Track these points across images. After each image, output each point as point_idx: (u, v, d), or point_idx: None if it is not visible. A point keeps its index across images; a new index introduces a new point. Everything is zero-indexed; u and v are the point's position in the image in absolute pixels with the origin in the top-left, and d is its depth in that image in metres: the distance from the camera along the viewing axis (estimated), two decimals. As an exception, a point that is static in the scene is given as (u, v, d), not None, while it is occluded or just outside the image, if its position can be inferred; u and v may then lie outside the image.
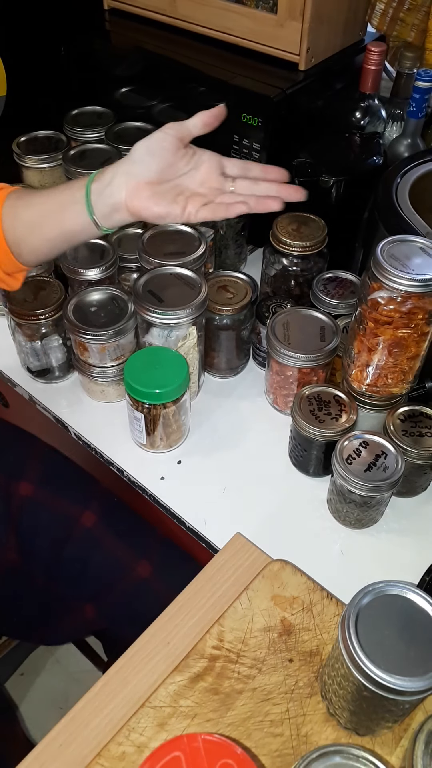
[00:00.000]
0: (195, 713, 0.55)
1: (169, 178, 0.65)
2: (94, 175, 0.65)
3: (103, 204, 0.64)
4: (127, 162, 0.64)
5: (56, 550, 0.81)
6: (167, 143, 0.64)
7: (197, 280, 0.76)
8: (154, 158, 0.64)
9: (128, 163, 0.64)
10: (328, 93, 0.95)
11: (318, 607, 0.61)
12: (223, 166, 0.67)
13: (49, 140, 0.99)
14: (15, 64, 1.00)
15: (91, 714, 0.56)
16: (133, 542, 0.82)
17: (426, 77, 0.84)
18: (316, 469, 0.74)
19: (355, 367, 0.69)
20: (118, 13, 1.04)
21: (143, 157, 0.64)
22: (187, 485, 0.76)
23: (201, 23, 0.95)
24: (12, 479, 0.83)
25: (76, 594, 0.82)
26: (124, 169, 0.64)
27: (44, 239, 0.68)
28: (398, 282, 0.59)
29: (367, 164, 0.88)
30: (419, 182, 0.78)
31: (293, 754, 0.53)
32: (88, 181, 0.65)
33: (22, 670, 1.38)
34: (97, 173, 0.65)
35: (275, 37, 0.89)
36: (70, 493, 0.84)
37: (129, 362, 0.73)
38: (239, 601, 0.61)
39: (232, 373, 0.88)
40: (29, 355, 0.84)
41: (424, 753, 0.46)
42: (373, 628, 0.46)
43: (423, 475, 0.72)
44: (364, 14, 0.97)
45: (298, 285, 0.85)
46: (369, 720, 0.51)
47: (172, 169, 0.64)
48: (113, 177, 0.64)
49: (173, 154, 0.64)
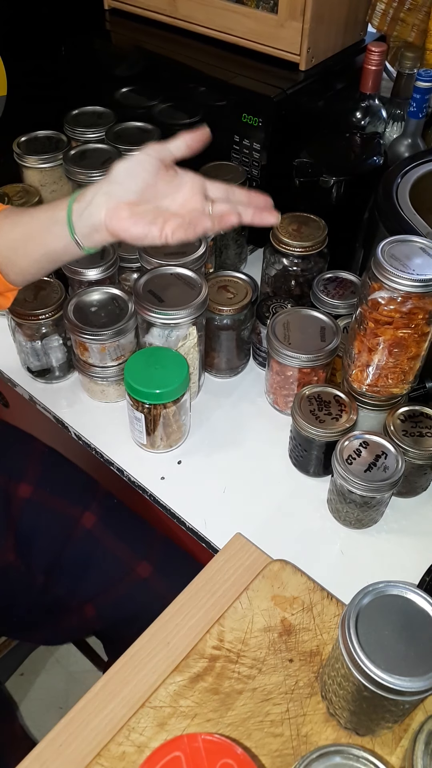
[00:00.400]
0: (195, 713, 0.55)
1: (149, 199, 0.64)
2: (75, 195, 0.65)
3: (83, 224, 0.64)
4: (107, 182, 0.64)
5: (56, 550, 0.81)
6: (148, 165, 0.63)
7: (197, 280, 0.76)
8: (134, 179, 0.63)
9: (108, 183, 0.64)
10: (328, 93, 0.95)
11: (318, 607, 0.61)
12: (206, 188, 0.66)
13: (50, 140, 0.99)
14: (15, 64, 1.00)
15: (91, 714, 0.56)
16: (133, 543, 0.82)
17: (426, 77, 0.84)
18: (317, 469, 0.74)
19: (356, 367, 0.69)
20: (119, 13, 1.04)
21: (123, 178, 0.63)
22: (187, 485, 0.76)
23: (201, 23, 0.95)
24: (12, 480, 0.83)
25: (76, 594, 0.82)
26: (104, 189, 0.63)
27: (30, 260, 0.68)
28: (399, 282, 0.59)
29: (367, 164, 0.88)
30: (420, 182, 0.79)
31: (293, 754, 0.53)
32: (70, 200, 0.65)
33: (22, 670, 1.38)
34: (79, 193, 0.65)
35: (276, 37, 0.89)
36: (70, 494, 0.84)
37: (129, 362, 0.73)
38: (239, 601, 0.61)
39: (232, 373, 0.88)
40: (29, 355, 0.84)
41: (424, 753, 0.46)
42: (373, 629, 0.46)
43: (423, 476, 0.72)
44: (364, 14, 0.97)
45: (299, 285, 0.85)
46: (369, 720, 0.51)
47: (152, 191, 0.64)
48: (93, 197, 0.63)
49: (154, 176, 0.63)
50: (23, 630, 0.92)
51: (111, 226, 0.63)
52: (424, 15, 0.94)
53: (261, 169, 0.92)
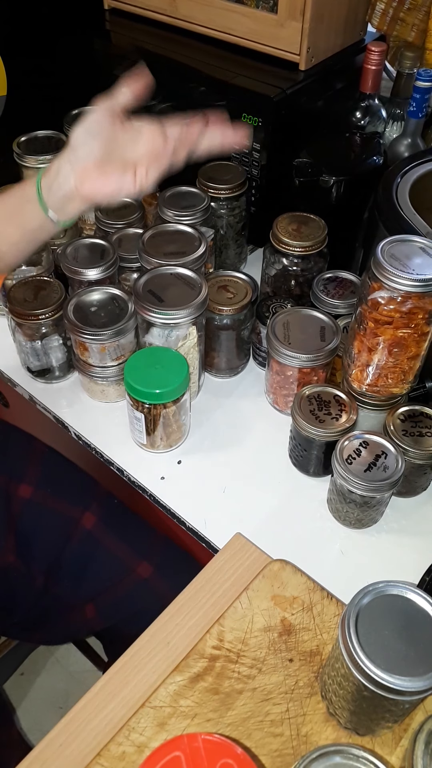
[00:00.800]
0: (195, 713, 0.55)
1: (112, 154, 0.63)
2: (42, 171, 0.65)
3: (54, 197, 0.64)
4: (69, 150, 0.64)
5: (56, 551, 0.81)
6: (103, 121, 0.63)
7: (197, 280, 0.76)
8: (94, 139, 0.63)
9: (70, 150, 0.64)
10: (328, 93, 0.95)
11: (318, 607, 0.61)
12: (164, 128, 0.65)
13: (49, 140, 0.99)
14: (15, 64, 1.00)
15: (91, 714, 0.56)
16: (133, 543, 0.82)
17: (426, 77, 0.84)
18: (317, 469, 0.74)
19: (356, 367, 0.69)
20: (118, 12, 1.04)
21: (83, 141, 0.63)
22: (187, 485, 0.76)
23: (201, 23, 0.95)
24: (12, 481, 0.83)
25: (76, 594, 0.82)
26: (67, 157, 0.63)
27: (8, 243, 0.68)
28: (398, 282, 0.59)
29: (367, 164, 0.88)
30: (419, 182, 0.78)
31: (293, 754, 0.53)
32: (37, 177, 0.65)
33: (22, 670, 1.38)
34: (44, 168, 0.65)
35: (275, 37, 0.89)
36: (70, 495, 0.84)
37: (129, 362, 0.73)
38: (239, 601, 0.61)
39: (232, 373, 0.88)
40: (29, 355, 0.84)
41: (424, 753, 0.46)
42: (373, 628, 0.46)
43: (423, 475, 0.72)
44: (364, 14, 0.97)
45: (299, 285, 0.85)
46: (369, 720, 0.51)
47: (113, 145, 0.63)
48: (59, 167, 0.63)
49: (111, 130, 0.63)
50: (23, 630, 0.92)
51: (83, 190, 0.63)
52: (424, 14, 0.94)
53: (261, 169, 0.92)
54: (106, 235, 0.88)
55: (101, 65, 1.04)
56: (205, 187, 0.89)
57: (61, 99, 1.03)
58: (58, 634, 0.93)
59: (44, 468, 0.85)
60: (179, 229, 0.82)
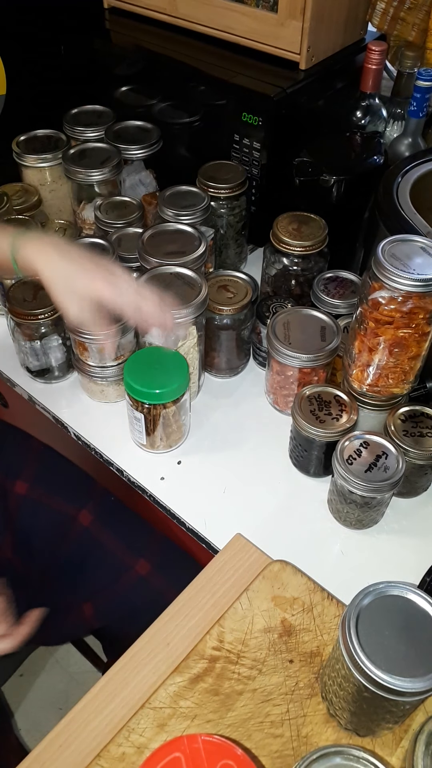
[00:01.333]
0: (195, 714, 0.55)
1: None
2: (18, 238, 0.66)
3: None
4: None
5: (53, 548, 0.81)
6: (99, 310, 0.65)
7: (197, 279, 0.76)
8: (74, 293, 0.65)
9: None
10: (328, 92, 0.95)
11: (318, 607, 0.61)
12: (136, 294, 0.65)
13: (49, 139, 0.99)
14: (15, 64, 1.00)
15: (90, 715, 0.56)
16: (131, 541, 0.82)
17: (427, 76, 0.84)
18: (317, 469, 0.74)
19: (356, 367, 0.69)
20: (118, 12, 1.03)
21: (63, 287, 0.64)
22: (187, 485, 0.76)
23: (201, 22, 0.95)
24: (8, 478, 0.83)
25: (74, 593, 0.82)
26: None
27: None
28: (399, 282, 0.58)
29: (367, 164, 0.88)
30: (420, 182, 0.78)
31: (293, 755, 0.52)
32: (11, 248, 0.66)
33: (22, 671, 1.38)
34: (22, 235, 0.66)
35: (276, 36, 0.89)
36: (66, 492, 0.84)
37: (129, 362, 0.73)
38: (239, 601, 0.61)
39: (232, 373, 0.88)
40: (29, 355, 0.84)
41: (425, 754, 0.46)
42: (373, 629, 0.46)
43: (424, 476, 0.72)
44: (364, 13, 0.97)
45: (299, 285, 0.85)
46: (369, 721, 0.51)
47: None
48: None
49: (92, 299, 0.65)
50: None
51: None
52: (425, 14, 0.94)
53: (261, 168, 0.91)
54: (105, 235, 0.87)
55: (101, 64, 1.04)
56: (205, 187, 0.89)
57: (60, 98, 1.03)
58: (57, 633, 0.92)
59: (40, 465, 0.85)
60: (179, 229, 0.82)
